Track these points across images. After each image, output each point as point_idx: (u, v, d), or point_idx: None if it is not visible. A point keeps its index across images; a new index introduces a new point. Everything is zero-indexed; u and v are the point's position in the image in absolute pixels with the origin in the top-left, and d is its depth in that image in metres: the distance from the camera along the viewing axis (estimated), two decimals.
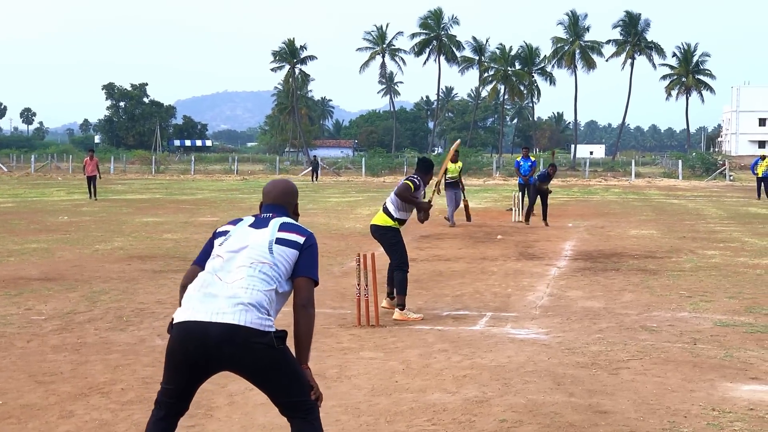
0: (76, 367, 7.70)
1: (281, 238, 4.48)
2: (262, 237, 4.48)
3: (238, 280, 4.32)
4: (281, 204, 4.79)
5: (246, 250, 4.43)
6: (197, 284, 4.39)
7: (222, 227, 4.70)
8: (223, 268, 4.40)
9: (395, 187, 10.56)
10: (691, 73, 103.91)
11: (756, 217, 26.08)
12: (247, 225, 4.60)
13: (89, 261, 15.04)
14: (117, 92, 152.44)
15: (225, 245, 4.50)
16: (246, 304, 4.23)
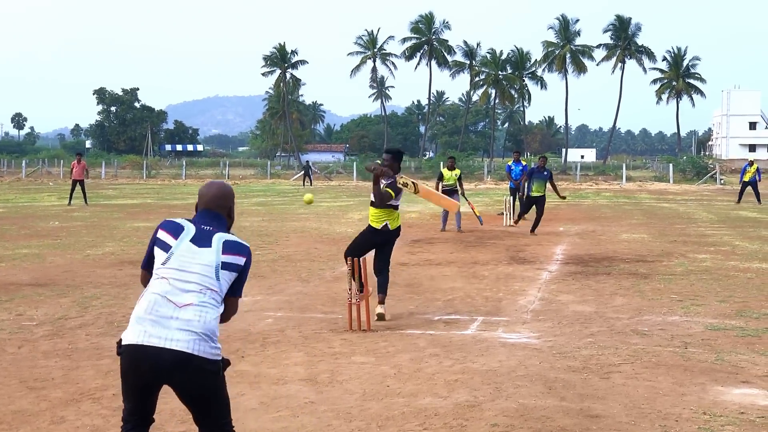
0: (68, 373, 7.69)
1: (226, 262, 4.58)
2: (208, 260, 4.55)
3: (190, 306, 4.42)
4: (218, 210, 4.81)
5: (195, 275, 4.51)
6: (147, 306, 4.44)
7: (161, 233, 4.70)
8: (172, 291, 4.46)
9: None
10: (682, 76, 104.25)
11: (747, 221, 26.16)
12: (188, 240, 4.61)
13: (80, 266, 15.01)
14: (108, 97, 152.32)
15: (169, 264, 4.54)
16: (200, 333, 4.39)
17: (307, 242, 19.19)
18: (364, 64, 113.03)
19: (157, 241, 4.69)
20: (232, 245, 4.64)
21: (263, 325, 9.96)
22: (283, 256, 16.71)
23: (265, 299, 11.77)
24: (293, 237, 20.54)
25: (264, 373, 7.67)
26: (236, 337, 9.26)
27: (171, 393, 6.93)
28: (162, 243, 4.65)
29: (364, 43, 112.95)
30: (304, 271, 14.45)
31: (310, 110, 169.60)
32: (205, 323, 4.43)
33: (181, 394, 4.52)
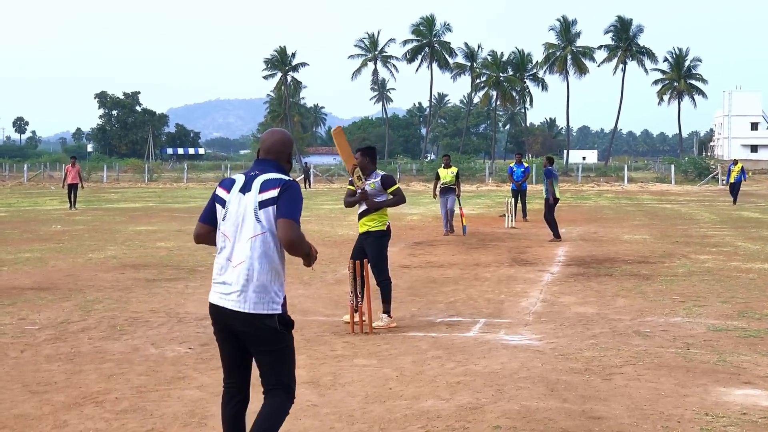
0: (70, 377, 7.69)
1: (261, 201, 4.80)
2: (249, 205, 4.82)
3: (242, 264, 4.77)
4: (272, 157, 5.05)
5: (241, 228, 4.82)
6: (215, 267, 4.92)
7: (219, 189, 5.01)
8: (229, 249, 4.84)
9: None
10: (683, 77, 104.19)
11: (748, 222, 26.16)
12: (237, 190, 4.90)
13: (82, 270, 15.02)
14: (109, 101, 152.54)
15: (226, 220, 4.90)
16: (251, 291, 4.72)
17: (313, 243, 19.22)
18: (365, 67, 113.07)
19: (216, 198, 5.00)
20: (267, 183, 4.85)
21: None
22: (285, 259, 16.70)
23: None
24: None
25: None
26: None
27: (173, 397, 6.95)
28: (220, 199, 4.97)
29: (365, 45, 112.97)
30: (305, 274, 14.45)
31: (311, 113, 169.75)
32: (257, 280, 4.73)
33: (249, 348, 4.87)
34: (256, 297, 4.72)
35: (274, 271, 4.81)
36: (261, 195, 4.80)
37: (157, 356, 8.51)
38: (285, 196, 4.80)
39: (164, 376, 7.68)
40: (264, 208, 4.78)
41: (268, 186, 4.82)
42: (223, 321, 4.83)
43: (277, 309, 4.77)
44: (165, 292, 12.55)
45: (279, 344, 4.82)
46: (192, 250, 18.17)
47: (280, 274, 4.85)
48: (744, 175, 37.44)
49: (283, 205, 4.78)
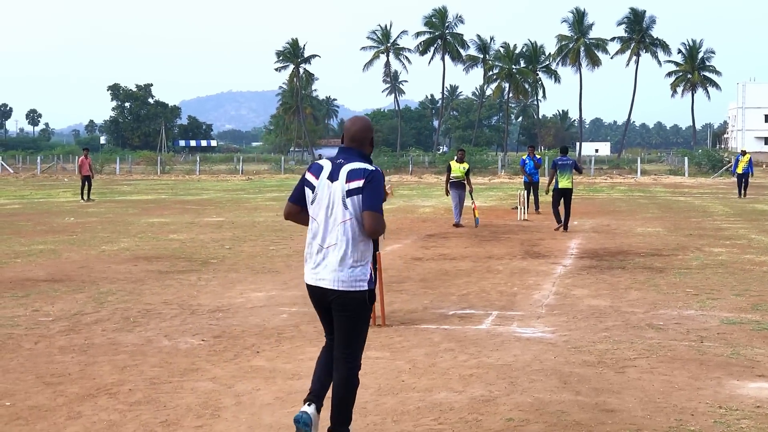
0: (84, 368, 7.72)
1: (349, 189, 5.29)
2: (338, 193, 5.31)
3: (332, 247, 5.32)
4: (355, 145, 5.48)
5: (331, 214, 5.33)
6: (307, 249, 5.46)
7: (309, 174, 5.48)
8: (319, 232, 5.38)
9: None
10: (697, 69, 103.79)
11: (762, 214, 26.05)
12: (326, 177, 5.39)
13: (96, 262, 15.06)
14: (122, 93, 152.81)
15: (315, 204, 5.41)
16: (341, 271, 5.27)
17: None
18: (377, 59, 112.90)
19: (305, 182, 5.48)
20: (353, 173, 5.30)
21: (278, 320, 9.98)
22: (298, 251, 16.72)
23: (280, 294, 11.79)
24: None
25: (279, 369, 7.69)
26: (251, 332, 9.28)
27: (186, 389, 6.97)
28: (309, 183, 5.46)
29: (377, 37, 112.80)
30: None
31: (323, 105, 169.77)
32: (345, 261, 5.27)
33: (334, 318, 5.44)
34: (345, 276, 5.27)
35: (359, 252, 5.31)
36: (348, 184, 5.27)
37: (170, 348, 8.54)
38: (368, 188, 5.26)
39: (177, 368, 7.70)
40: (351, 196, 5.26)
41: (354, 176, 5.28)
42: (318, 297, 5.43)
43: (363, 286, 5.31)
44: (178, 284, 12.58)
45: (360, 318, 5.40)
46: (204, 242, 18.21)
47: (365, 255, 5.33)
48: (751, 167, 36.42)
49: (368, 196, 5.25)
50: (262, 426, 6.10)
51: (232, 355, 8.24)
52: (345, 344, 5.44)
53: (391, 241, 18.05)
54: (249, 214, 26.60)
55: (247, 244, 17.82)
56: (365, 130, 5.50)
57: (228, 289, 12.18)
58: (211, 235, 19.65)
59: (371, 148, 5.55)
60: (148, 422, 6.18)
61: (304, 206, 5.50)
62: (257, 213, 27.32)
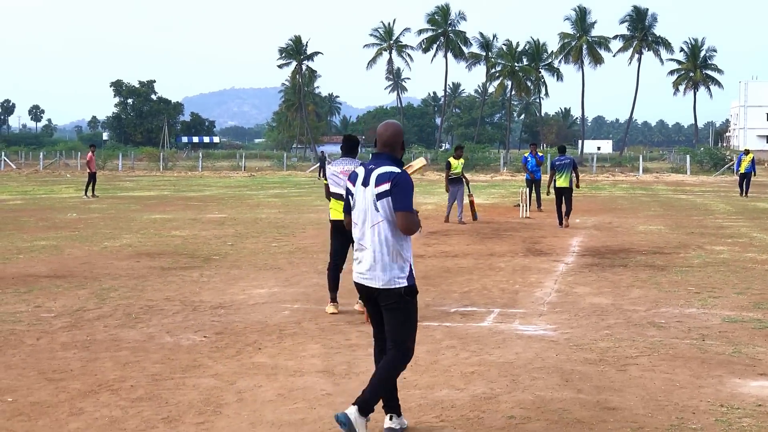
0: (86, 364, 7.73)
1: (378, 193, 5.65)
2: (369, 197, 5.71)
3: (370, 248, 5.72)
4: (387, 150, 5.84)
5: (367, 217, 5.74)
6: (354, 252, 5.88)
7: (349, 183, 5.93)
8: (360, 235, 5.80)
9: None
10: (699, 67, 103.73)
11: (764, 213, 26.04)
12: (360, 184, 5.80)
13: (98, 258, 15.08)
14: (125, 89, 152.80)
15: (355, 210, 5.85)
16: (381, 270, 5.67)
17: (324, 234, 19.17)
18: (380, 56, 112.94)
19: (348, 190, 5.95)
20: (382, 177, 5.67)
21: (280, 317, 9.99)
22: (300, 248, 16.74)
23: (282, 291, 11.81)
24: (310, 229, 20.57)
25: (281, 365, 7.70)
26: (253, 329, 9.29)
27: (188, 385, 6.98)
28: (350, 191, 5.92)
29: (380, 35, 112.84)
30: (320, 263, 14.46)
31: (326, 102, 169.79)
32: (381, 261, 5.67)
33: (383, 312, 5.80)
34: (384, 275, 5.66)
35: (395, 252, 5.67)
36: (377, 188, 5.64)
37: (172, 344, 8.55)
38: (396, 190, 5.60)
39: (179, 365, 7.71)
40: (380, 199, 5.64)
41: (382, 180, 5.64)
42: (366, 294, 5.83)
43: (402, 282, 5.66)
44: (180, 281, 12.59)
45: (403, 311, 5.72)
46: (207, 239, 18.22)
47: (401, 254, 5.69)
48: (754, 166, 36.06)
49: (397, 198, 5.60)
50: (263, 422, 6.11)
51: (234, 351, 8.25)
52: (394, 334, 5.76)
53: None
54: (251, 211, 26.60)
55: (250, 241, 17.83)
56: (396, 134, 5.85)
57: (230, 286, 12.19)
58: (214, 232, 19.66)
59: (403, 151, 5.90)
60: (150, 418, 6.19)
61: None
62: (259, 210, 27.32)
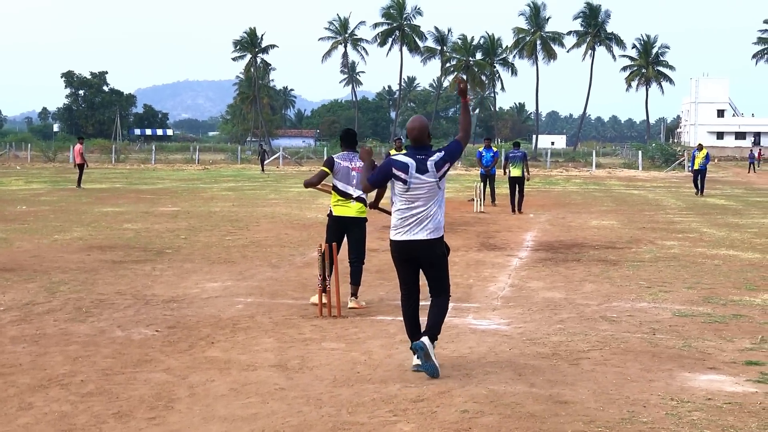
0: (35, 359, 7.63)
1: (441, 176, 7.17)
2: (432, 180, 7.12)
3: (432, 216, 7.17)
4: (423, 141, 7.23)
5: (425, 195, 7.13)
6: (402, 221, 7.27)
7: (396, 171, 7.16)
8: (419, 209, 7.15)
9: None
10: (651, 64, 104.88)
11: (714, 208, 26.38)
12: (415, 172, 7.11)
13: (48, 251, 14.90)
14: (76, 80, 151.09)
15: (408, 192, 7.15)
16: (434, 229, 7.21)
17: (278, 228, 19.15)
18: (335, 50, 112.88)
19: (394, 175, 7.17)
20: (438, 163, 7.14)
21: (233, 311, 9.94)
22: (254, 241, 16.66)
23: (236, 285, 11.74)
24: (263, 222, 20.49)
25: (234, 360, 7.65)
26: (206, 322, 9.23)
27: (139, 380, 6.92)
28: (398, 177, 7.15)
29: (335, 28, 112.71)
30: (274, 257, 14.42)
31: (280, 95, 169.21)
32: (435, 224, 7.19)
33: (423, 264, 7.37)
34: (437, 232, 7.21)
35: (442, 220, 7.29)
36: (439, 172, 7.13)
37: (123, 339, 8.46)
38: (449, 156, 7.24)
39: (130, 359, 7.64)
40: (442, 179, 7.19)
41: (440, 164, 7.13)
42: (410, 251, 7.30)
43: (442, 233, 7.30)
44: (132, 274, 12.47)
45: (446, 259, 7.47)
46: (159, 232, 18.07)
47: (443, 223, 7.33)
48: (707, 161, 34.34)
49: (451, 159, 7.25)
50: (216, 417, 6.06)
51: (187, 345, 8.19)
52: (440, 280, 7.35)
53: None
54: (205, 204, 26.44)
55: (203, 234, 17.71)
56: (424, 128, 7.21)
57: (183, 280, 12.10)
58: (167, 225, 19.50)
59: (430, 138, 7.33)
60: (101, 413, 6.12)
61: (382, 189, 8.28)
62: (213, 203, 27.16)
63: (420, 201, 7.13)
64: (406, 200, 7.17)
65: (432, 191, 7.13)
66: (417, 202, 7.14)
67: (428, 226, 7.14)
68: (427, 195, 7.13)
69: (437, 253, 7.25)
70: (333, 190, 10.19)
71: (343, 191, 10.11)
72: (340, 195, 10.13)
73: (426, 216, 7.14)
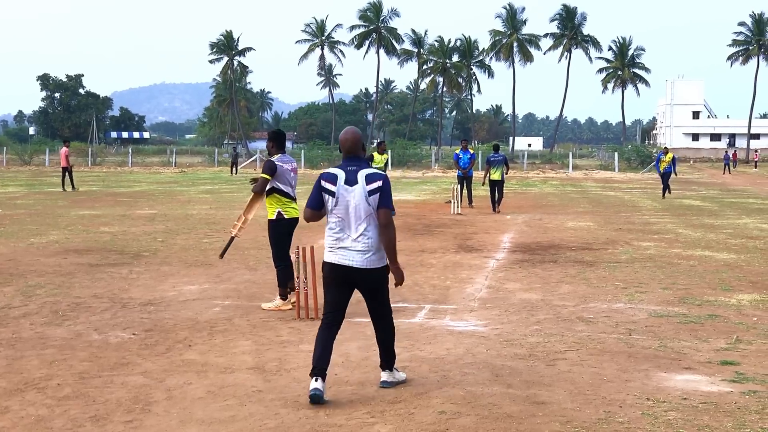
0: (11, 363, 7.59)
1: (370, 190, 6.57)
2: (360, 193, 6.57)
3: (362, 236, 6.58)
4: (357, 153, 6.80)
5: (357, 213, 6.58)
6: (333, 241, 6.67)
7: (324, 182, 6.68)
8: (348, 226, 6.61)
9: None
10: (627, 66, 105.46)
11: (689, 209, 26.54)
12: (343, 183, 6.62)
13: (24, 254, 14.81)
14: (52, 83, 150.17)
15: (338, 206, 6.63)
16: (369, 252, 6.60)
17: (255, 230, 19.09)
18: (312, 52, 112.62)
19: (323, 188, 6.68)
20: (370, 177, 6.62)
21: (211, 313, 9.92)
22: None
23: (213, 287, 11.72)
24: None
25: (211, 362, 7.64)
26: (184, 325, 9.20)
27: (116, 383, 6.89)
28: (327, 190, 6.66)
29: (312, 30, 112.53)
30: (251, 259, 14.40)
31: (257, 98, 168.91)
32: (370, 245, 6.59)
33: (362, 291, 6.81)
34: (373, 257, 6.60)
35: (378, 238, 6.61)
36: (369, 186, 6.56)
37: (100, 342, 8.43)
38: (385, 191, 6.59)
39: (107, 362, 7.61)
40: (372, 195, 6.56)
41: (372, 179, 6.59)
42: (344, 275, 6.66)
43: (385, 262, 6.68)
44: (108, 278, 12.42)
45: (387, 286, 6.85)
46: (136, 235, 18.00)
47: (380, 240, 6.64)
48: (674, 165, 33.20)
49: (384, 197, 6.60)
50: (193, 420, 6.05)
51: (164, 348, 8.17)
52: (382, 306, 6.86)
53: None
54: (182, 207, 26.35)
55: (180, 237, 17.66)
56: (357, 140, 6.80)
57: (160, 283, 12.07)
58: (144, 228, 19.43)
59: (364, 151, 6.90)
60: (77, 417, 6.10)
61: (322, 209, 6.72)
62: (190, 206, 27.07)
63: (352, 217, 6.58)
64: (337, 216, 6.64)
65: (362, 204, 6.55)
66: (343, 217, 6.61)
67: (365, 248, 6.56)
68: (352, 211, 6.57)
69: (379, 280, 6.73)
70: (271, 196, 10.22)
71: (286, 193, 10.16)
72: (284, 197, 10.18)
73: (360, 236, 6.55)
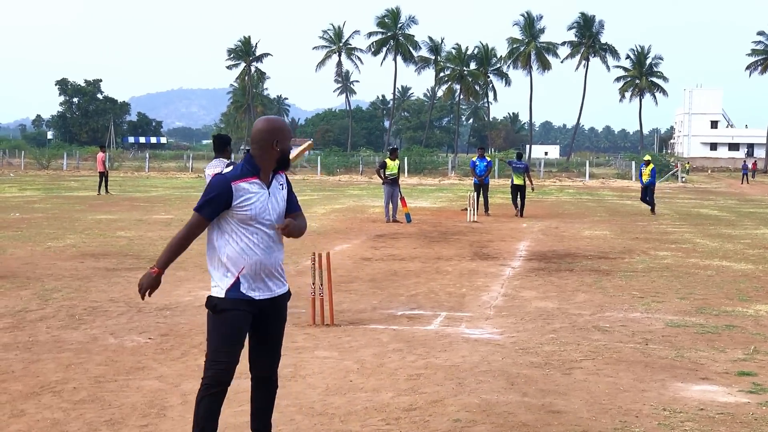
0: (28, 366, 7.62)
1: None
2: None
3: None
4: None
5: None
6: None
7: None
8: None
9: None
10: (645, 75, 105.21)
11: (707, 219, 26.43)
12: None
13: (41, 258, 14.87)
14: (70, 88, 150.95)
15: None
16: None
17: None
18: (329, 59, 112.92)
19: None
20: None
21: None
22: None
23: None
24: None
25: None
26: (199, 330, 9.21)
27: (131, 387, 6.90)
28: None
29: (329, 37, 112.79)
30: None
31: (274, 104, 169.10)
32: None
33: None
34: None
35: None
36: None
37: (116, 346, 8.45)
38: None
39: (123, 367, 7.63)
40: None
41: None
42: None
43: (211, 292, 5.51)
44: (125, 282, 12.45)
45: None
46: (153, 240, 18.05)
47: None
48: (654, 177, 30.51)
49: None
50: None
51: (179, 353, 8.18)
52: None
53: (341, 241, 18.06)
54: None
55: (196, 242, 17.63)
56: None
57: (176, 287, 12.08)
58: (160, 233, 19.48)
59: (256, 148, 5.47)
60: (93, 421, 6.11)
61: None
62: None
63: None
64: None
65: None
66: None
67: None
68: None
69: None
70: None
71: None
72: None
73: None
